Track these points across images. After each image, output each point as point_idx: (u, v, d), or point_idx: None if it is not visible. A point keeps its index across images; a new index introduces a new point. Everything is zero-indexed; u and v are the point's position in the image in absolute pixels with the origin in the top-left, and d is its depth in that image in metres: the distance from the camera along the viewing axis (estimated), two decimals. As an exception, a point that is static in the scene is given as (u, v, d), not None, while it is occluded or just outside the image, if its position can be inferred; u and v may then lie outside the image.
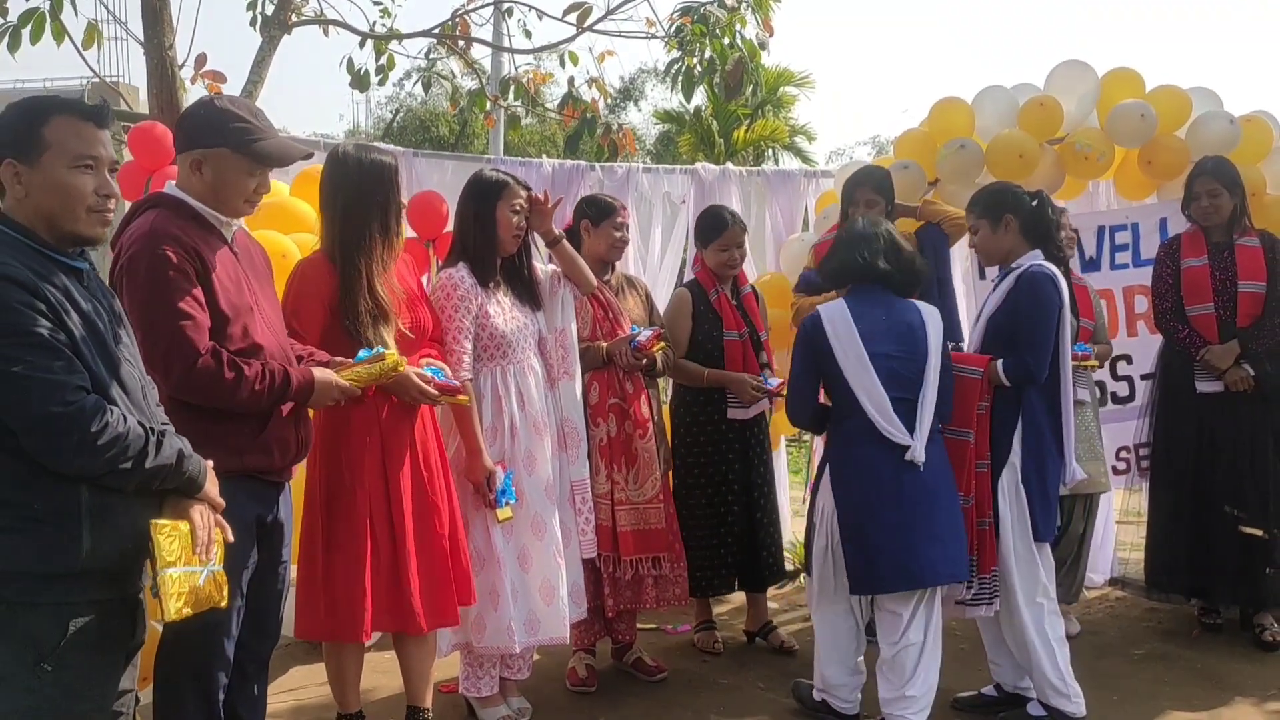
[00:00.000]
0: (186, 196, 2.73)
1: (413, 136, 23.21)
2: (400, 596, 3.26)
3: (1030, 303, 3.72)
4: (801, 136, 20.45)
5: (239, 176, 2.74)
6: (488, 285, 3.74)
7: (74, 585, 2.11)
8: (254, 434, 2.74)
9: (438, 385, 3.31)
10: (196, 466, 2.30)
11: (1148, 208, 5.30)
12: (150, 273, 2.57)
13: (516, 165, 5.50)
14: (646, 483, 4.12)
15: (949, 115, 5.22)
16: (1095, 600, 5.26)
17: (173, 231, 2.63)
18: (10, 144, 2.17)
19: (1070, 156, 5.08)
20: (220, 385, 2.60)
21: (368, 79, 6.81)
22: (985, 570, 3.75)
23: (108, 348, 2.20)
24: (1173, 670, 4.39)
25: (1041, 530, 3.76)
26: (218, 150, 2.71)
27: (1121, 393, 5.23)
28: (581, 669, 4.23)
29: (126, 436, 2.12)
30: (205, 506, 2.31)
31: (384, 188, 3.32)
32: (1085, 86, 5.14)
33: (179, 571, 2.15)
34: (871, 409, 3.55)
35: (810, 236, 5.31)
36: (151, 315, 2.56)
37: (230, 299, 2.69)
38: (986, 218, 3.88)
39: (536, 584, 3.71)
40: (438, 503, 3.36)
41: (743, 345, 4.50)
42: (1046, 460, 3.77)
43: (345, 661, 3.47)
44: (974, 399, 3.73)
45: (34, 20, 5.30)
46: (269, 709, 3.96)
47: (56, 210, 2.18)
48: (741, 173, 5.81)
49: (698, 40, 6.18)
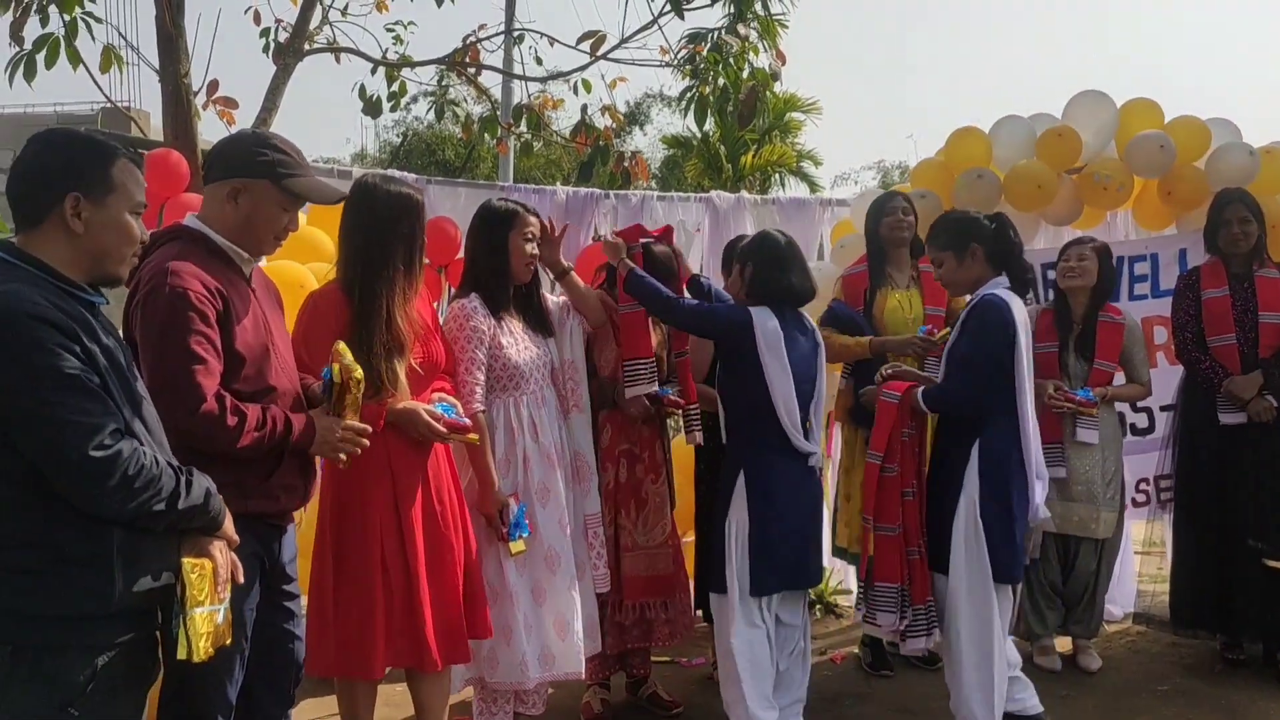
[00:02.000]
0: (209, 230, 2.69)
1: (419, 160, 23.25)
2: (414, 632, 3.21)
3: (973, 330, 3.67)
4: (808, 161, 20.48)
5: (274, 211, 2.71)
6: (500, 315, 3.71)
7: (103, 627, 2.07)
8: (261, 479, 2.68)
9: (447, 423, 3.26)
10: (218, 505, 2.27)
11: (1167, 239, 5.26)
12: (168, 310, 2.50)
13: (530, 193, 5.47)
14: (656, 527, 4.08)
15: (966, 145, 5.20)
16: (1116, 634, 5.19)
17: (194, 269, 2.57)
18: (78, 178, 2.13)
19: (1089, 187, 5.05)
20: (222, 431, 2.53)
21: (380, 105, 6.82)
22: (919, 600, 3.74)
23: (130, 386, 2.17)
24: (1196, 707, 4.32)
25: (1003, 570, 3.64)
26: (258, 182, 2.68)
27: (1141, 424, 5.17)
28: (596, 703, 4.17)
29: (160, 479, 2.09)
30: (224, 544, 2.28)
31: (409, 220, 3.28)
32: (1104, 117, 5.11)
33: (206, 611, 2.12)
34: (786, 421, 3.66)
35: (826, 265, 5.27)
36: (163, 353, 2.50)
37: (247, 339, 2.65)
38: (951, 249, 3.80)
39: (550, 618, 3.66)
40: (451, 538, 3.32)
41: None
42: (1011, 494, 3.64)
43: (357, 696, 3.42)
44: (887, 423, 3.76)
45: (49, 45, 5.30)
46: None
47: (110, 251, 2.17)
48: (756, 200, 5.80)
49: (712, 68, 6.18)
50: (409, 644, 3.22)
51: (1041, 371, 4.62)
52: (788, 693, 3.78)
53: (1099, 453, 4.58)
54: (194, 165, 5.04)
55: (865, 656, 4.74)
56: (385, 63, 6.63)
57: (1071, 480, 4.57)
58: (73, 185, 2.12)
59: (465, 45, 6.77)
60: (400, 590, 3.21)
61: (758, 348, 3.64)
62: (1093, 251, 4.60)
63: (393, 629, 3.20)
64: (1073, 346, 4.65)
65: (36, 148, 2.17)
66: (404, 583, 3.22)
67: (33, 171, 2.14)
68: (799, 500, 3.74)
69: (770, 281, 3.76)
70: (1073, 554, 4.69)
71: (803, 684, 3.82)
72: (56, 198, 2.11)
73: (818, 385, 3.80)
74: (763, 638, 3.68)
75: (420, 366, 3.33)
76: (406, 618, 3.21)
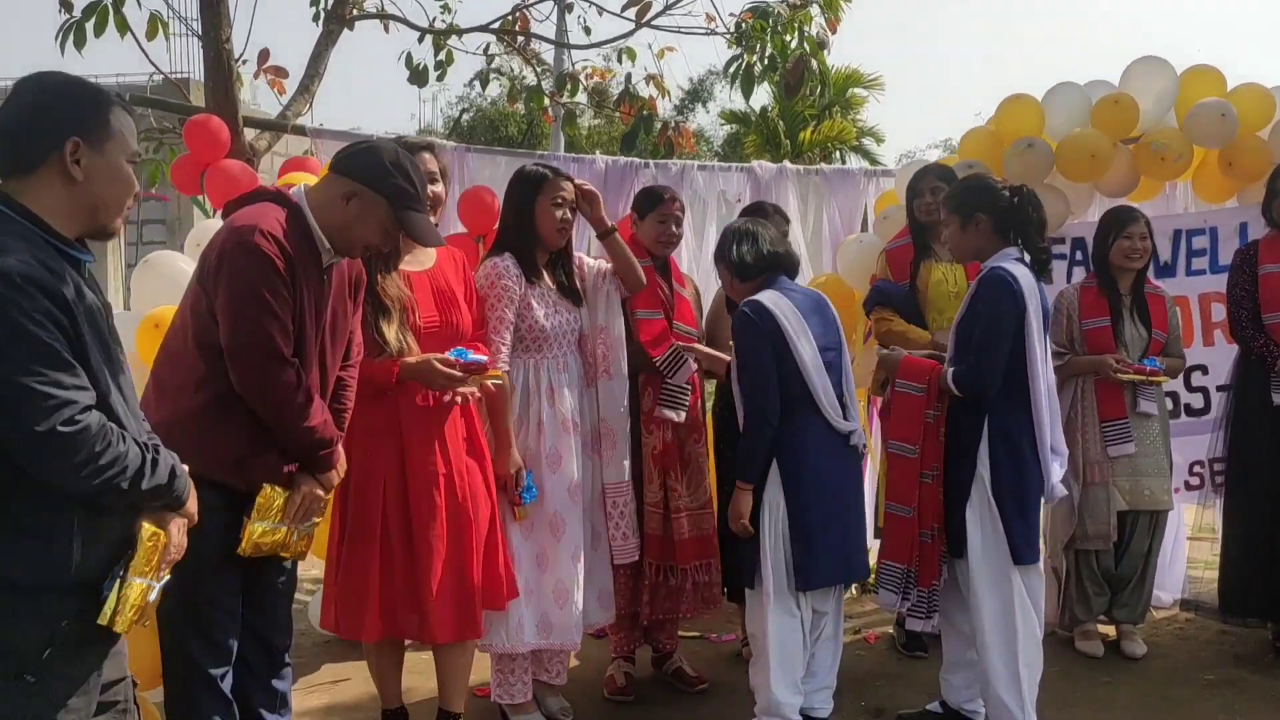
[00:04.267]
0: (309, 211, 2.72)
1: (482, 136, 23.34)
2: (415, 603, 3.19)
3: (984, 306, 3.51)
4: (870, 138, 20.19)
5: (377, 229, 2.76)
6: (531, 278, 3.68)
7: (59, 598, 2.03)
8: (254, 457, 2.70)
9: (463, 365, 3.21)
10: (183, 485, 2.20)
11: (1227, 211, 5.04)
12: (254, 264, 2.56)
13: (570, 162, 5.41)
14: (700, 488, 4.05)
15: (1017, 113, 5.01)
16: (1164, 621, 5.01)
17: (283, 237, 2.62)
18: (78, 122, 2.03)
19: (1145, 157, 4.85)
20: (291, 398, 2.62)
21: (426, 74, 6.80)
22: (924, 584, 3.62)
23: (110, 350, 2.10)
24: (1244, 697, 4.14)
25: (1021, 553, 3.51)
26: (377, 198, 2.72)
27: (1196, 405, 4.98)
28: (620, 677, 4.13)
29: (126, 456, 2.02)
30: (184, 522, 2.24)
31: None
32: (1163, 84, 4.91)
33: (143, 582, 2.08)
34: (824, 401, 3.53)
35: (869, 238, 5.14)
36: (243, 304, 2.57)
37: (300, 329, 2.68)
38: (957, 215, 3.65)
39: (551, 586, 3.64)
40: (468, 508, 3.28)
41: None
42: (1025, 475, 3.52)
43: (382, 658, 3.46)
44: (917, 415, 3.62)
45: (98, 13, 5.34)
46: (306, 704, 3.96)
47: (110, 200, 2.09)
48: (798, 171, 5.67)
49: (758, 37, 6.05)
50: (410, 614, 3.20)
51: (1096, 346, 4.48)
52: (814, 678, 3.65)
53: (1159, 424, 4.46)
54: (235, 130, 5.06)
55: (900, 637, 4.64)
56: (431, 30, 6.60)
57: (1139, 454, 4.45)
58: (73, 130, 2.01)
59: (514, 12, 6.73)
60: (401, 558, 3.19)
61: (784, 334, 3.49)
62: (1146, 226, 4.45)
63: (391, 597, 3.19)
64: (1128, 317, 4.50)
65: (32, 89, 2.05)
66: (405, 551, 3.19)
67: (28, 115, 2.02)
68: (843, 485, 3.60)
69: (759, 259, 3.65)
70: (1128, 535, 4.53)
71: (832, 670, 3.70)
72: (55, 143, 2.00)
73: (844, 357, 3.68)
74: (798, 626, 3.55)
75: (434, 332, 3.31)
76: (407, 587, 3.19)
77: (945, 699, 3.83)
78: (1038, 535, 3.62)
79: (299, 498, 2.69)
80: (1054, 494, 3.62)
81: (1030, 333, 3.50)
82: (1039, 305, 3.52)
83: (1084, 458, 4.47)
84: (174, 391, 2.68)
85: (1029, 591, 3.55)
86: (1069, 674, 4.37)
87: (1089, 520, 4.47)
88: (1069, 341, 4.57)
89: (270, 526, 2.63)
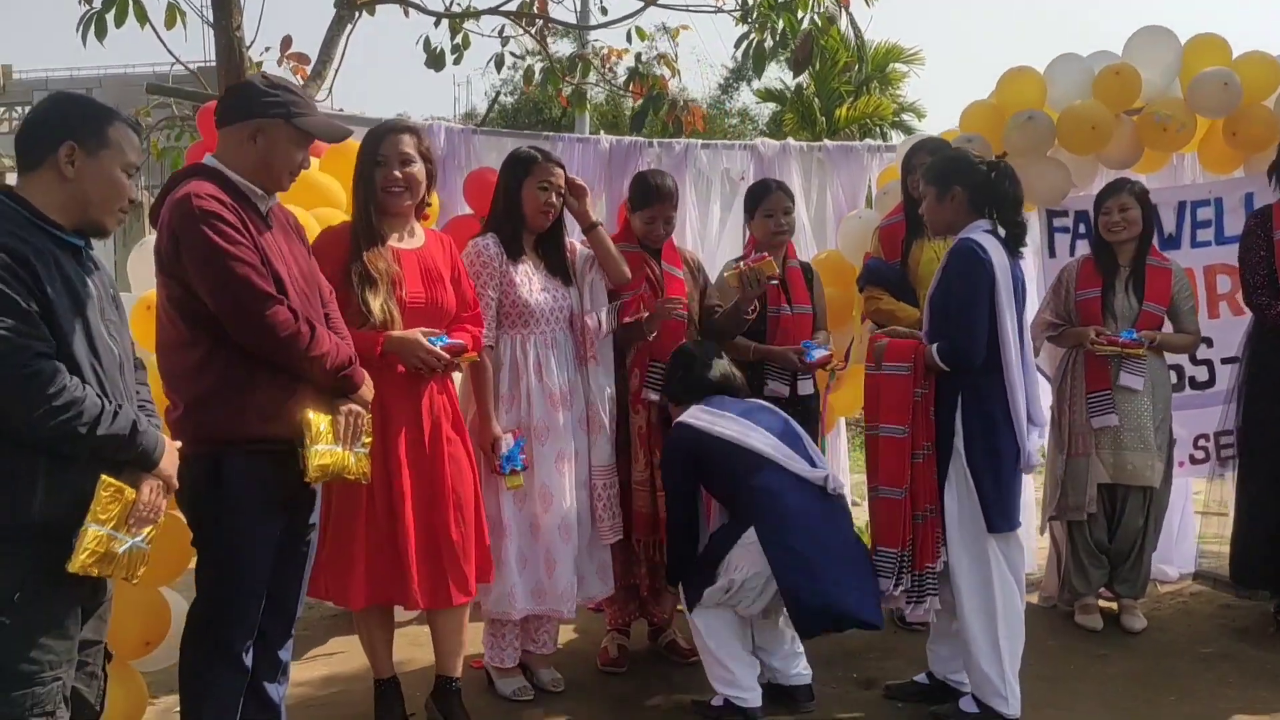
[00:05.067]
0: (226, 169, 2.82)
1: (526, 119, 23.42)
2: (396, 569, 3.28)
3: (957, 279, 3.51)
4: (910, 114, 19.91)
5: (290, 149, 2.85)
6: (516, 257, 3.76)
7: (26, 540, 2.18)
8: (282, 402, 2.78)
9: (443, 348, 3.31)
10: (151, 441, 2.35)
11: (1232, 182, 4.97)
12: (207, 230, 2.65)
13: (575, 142, 5.46)
14: None
15: (1018, 86, 4.98)
16: (1168, 595, 4.99)
17: (214, 188, 2.73)
18: (77, 129, 2.33)
19: (1148, 128, 4.80)
20: (294, 331, 2.71)
21: (443, 58, 6.86)
22: (920, 566, 3.61)
23: (88, 320, 2.28)
24: (1241, 670, 4.13)
25: (995, 521, 3.53)
26: (274, 122, 2.81)
27: (1200, 377, 4.93)
28: (613, 649, 4.21)
29: (82, 403, 2.19)
30: (159, 484, 2.36)
31: (365, 159, 3.42)
32: (1166, 54, 4.85)
33: (104, 531, 2.20)
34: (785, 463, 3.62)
35: (869, 214, 5.14)
36: (215, 270, 2.66)
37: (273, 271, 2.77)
38: (934, 186, 3.64)
39: (541, 554, 3.74)
40: (447, 481, 3.35)
41: (792, 320, 4.36)
42: (999, 445, 3.53)
43: (371, 629, 3.54)
44: (906, 395, 3.60)
45: (117, 3, 5.47)
46: (305, 675, 4.08)
47: (98, 201, 2.35)
48: (801, 147, 5.65)
49: (766, 15, 6.04)
50: (391, 581, 3.29)
51: (1083, 318, 4.47)
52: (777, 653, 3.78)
53: (1147, 399, 4.43)
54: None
55: (896, 611, 4.65)
56: (447, 15, 6.67)
57: (1123, 427, 4.42)
58: (71, 134, 2.32)
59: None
60: (384, 526, 3.28)
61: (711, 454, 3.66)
62: (1132, 197, 4.40)
63: (374, 563, 3.27)
64: (1120, 287, 4.47)
65: (47, 103, 2.43)
66: (387, 519, 3.28)
67: (38, 123, 2.37)
68: (822, 536, 3.56)
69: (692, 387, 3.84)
70: (1119, 509, 4.52)
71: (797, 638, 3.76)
72: (54, 145, 2.31)
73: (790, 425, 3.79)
74: (725, 611, 3.64)
75: (419, 309, 3.38)
76: (390, 554, 3.28)
77: (932, 670, 3.85)
78: (1015, 504, 3.61)
79: (342, 418, 2.80)
80: (1030, 462, 3.62)
81: (1000, 303, 3.50)
82: (1008, 277, 3.51)
83: (1070, 428, 4.47)
84: (189, 378, 2.78)
85: (1008, 562, 3.57)
86: (1066, 647, 4.39)
87: (1070, 491, 4.48)
88: (1066, 313, 4.55)
89: (327, 448, 2.73)
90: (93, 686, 2.42)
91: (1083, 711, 3.79)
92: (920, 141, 4.67)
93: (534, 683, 3.92)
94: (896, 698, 3.88)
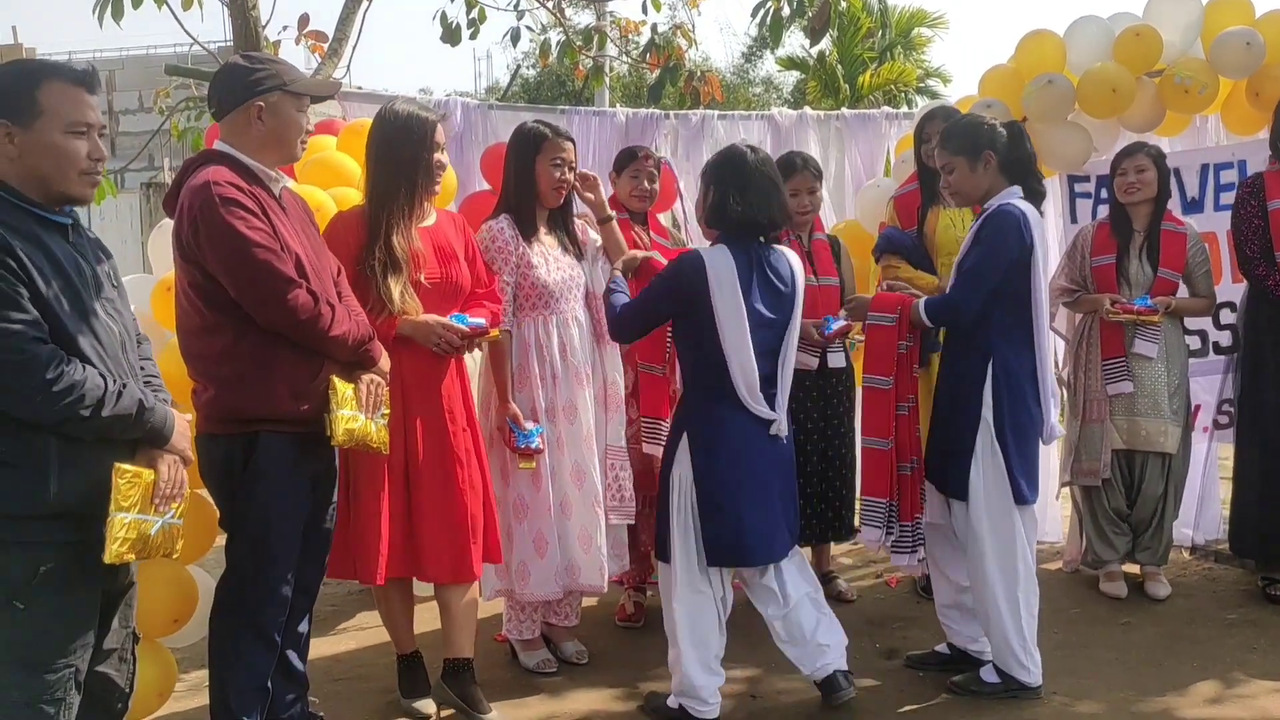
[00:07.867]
0: (237, 153, 2.85)
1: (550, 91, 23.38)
2: (411, 543, 3.33)
3: (987, 239, 3.47)
4: (936, 79, 19.70)
5: (295, 116, 2.91)
6: (530, 237, 3.75)
7: (42, 526, 2.20)
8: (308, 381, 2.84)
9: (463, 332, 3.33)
10: (160, 418, 2.35)
11: (1256, 144, 4.88)
12: (228, 217, 2.69)
13: (591, 115, 5.45)
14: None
15: (1038, 49, 4.92)
16: (1192, 562, 4.97)
17: (231, 174, 2.77)
18: (4, 105, 2.24)
19: (1170, 90, 4.74)
20: (314, 312, 2.76)
21: (459, 33, 6.84)
22: (907, 518, 3.62)
23: (82, 300, 2.26)
24: (1266, 636, 4.11)
25: (1024, 492, 3.51)
26: (273, 94, 2.85)
27: (1224, 343, 4.88)
28: (630, 605, 4.30)
29: (84, 385, 2.18)
30: (175, 459, 2.38)
31: (411, 143, 3.35)
32: (1188, 14, 4.77)
33: (130, 517, 2.22)
34: (741, 385, 3.32)
35: (887, 183, 5.10)
36: (238, 256, 2.70)
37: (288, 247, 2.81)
38: (964, 155, 3.57)
39: (576, 531, 3.75)
40: (460, 458, 3.38)
41: (819, 291, 4.33)
42: (1023, 415, 3.52)
43: (391, 605, 3.59)
44: (890, 347, 3.58)
45: (133, -18, 5.48)
46: (331, 650, 4.14)
47: (49, 172, 2.27)
48: (818, 116, 5.62)
49: (778, -18, 5.97)
50: (405, 555, 3.34)
51: (1098, 284, 4.44)
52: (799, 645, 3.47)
53: (1161, 365, 4.40)
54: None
55: (920, 580, 4.67)
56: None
57: (1137, 394, 4.40)
58: (1, 114, 2.23)
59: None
60: (399, 501, 3.31)
61: (710, 294, 3.28)
62: (1148, 159, 4.35)
63: (394, 539, 3.31)
64: (1135, 254, 4.43)
65: None
66: (403, 495, 3.32)
67: None
68: (757, 468, 3.38)
69: (727, 210, 3.37)
70: (1139, 477, 4.50)
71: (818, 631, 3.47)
72: None
73: (786, 340, 3.43)
74: (708, 604, 3.43)
75: (435, 287, 3.39)
76: (404, 529, 3.32)
77: (950, 640, 3.86)
78: (1037, 476, 3.62)
79: (364, 387, 2.89)
80: (1053, 434, 3.62)
81: (1036, 273, 3.49)
82: (1045, 246, 3.52)
83: (1085, 394, 4.45)
84: (217, 361, 2.82)
85: (1026, 533, 3.57)
86: (1090, 615, 4.39)
87: (1084, 456, 4.47)
88: (1082, 279, 4.52)
89: (351, 414, 2.81)
90: (122, 670, 2.47)
91: (1105, 678, 3.79)
92: (932, 110, 4.63)
93: (557, 655, 3.96)
94: (918, 668, 3.89)
